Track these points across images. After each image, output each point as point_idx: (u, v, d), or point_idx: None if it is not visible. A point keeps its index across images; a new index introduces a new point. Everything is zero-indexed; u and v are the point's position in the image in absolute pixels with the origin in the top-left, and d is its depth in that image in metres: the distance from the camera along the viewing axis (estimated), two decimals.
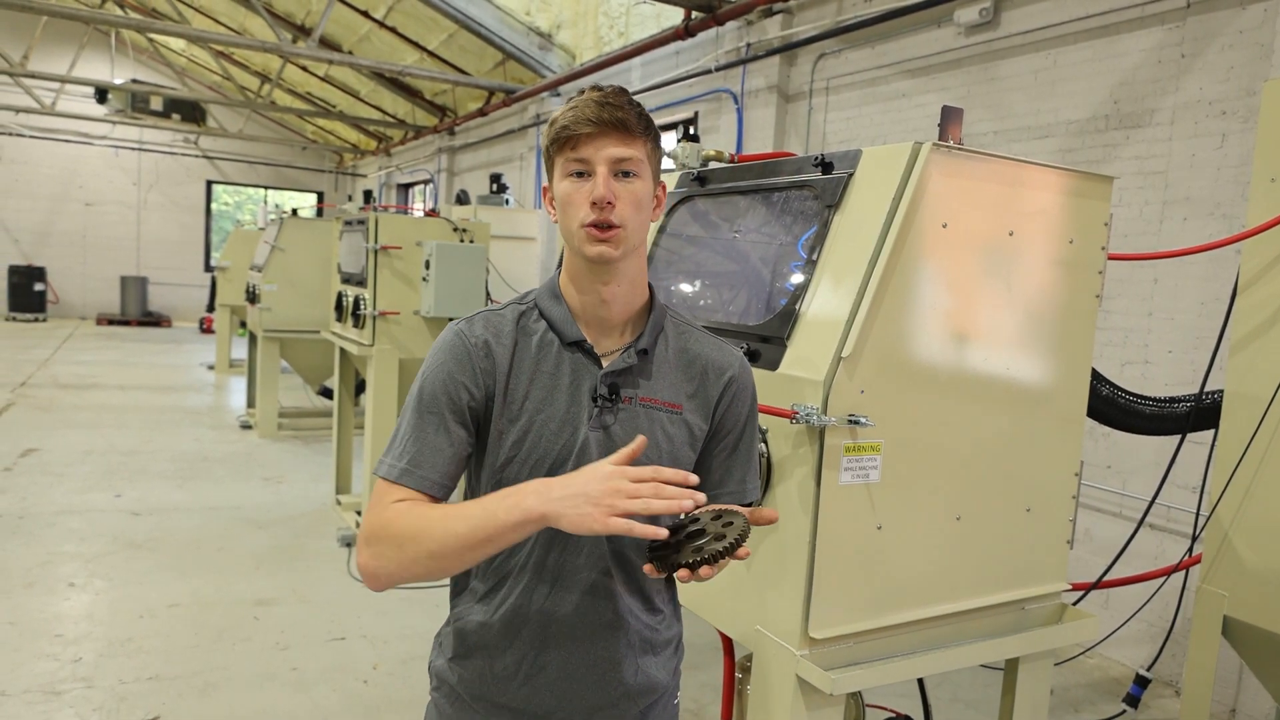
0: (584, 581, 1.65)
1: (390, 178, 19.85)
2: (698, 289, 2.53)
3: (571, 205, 1.57)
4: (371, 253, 6.23)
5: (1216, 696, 4.50)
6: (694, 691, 4.42)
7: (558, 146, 1.58)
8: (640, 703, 1.74)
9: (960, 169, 2.02)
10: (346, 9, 13.32)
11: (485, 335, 1.63)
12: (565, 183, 1.58)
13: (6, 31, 18.02)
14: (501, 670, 1.68)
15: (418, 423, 1.60)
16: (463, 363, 1.61)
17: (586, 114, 1.55)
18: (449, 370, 1.61)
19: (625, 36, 10.43)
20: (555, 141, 1.58)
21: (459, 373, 1.61)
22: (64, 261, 20.67)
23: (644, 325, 1.68)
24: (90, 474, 7.68)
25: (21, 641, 4.54)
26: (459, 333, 1.64)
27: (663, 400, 1.66)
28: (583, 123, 1.54)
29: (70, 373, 12.81)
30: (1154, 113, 5.01)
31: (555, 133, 1.58)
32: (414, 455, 1.58)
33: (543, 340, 1.65)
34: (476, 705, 1.71)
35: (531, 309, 1.68)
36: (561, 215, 1.60)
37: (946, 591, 2.16)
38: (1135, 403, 3.42)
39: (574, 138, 1.55)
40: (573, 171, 1.57)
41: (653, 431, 1.63)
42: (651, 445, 1.62)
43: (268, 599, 5.27)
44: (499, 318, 1.67)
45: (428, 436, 1.59)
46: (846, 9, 7.14)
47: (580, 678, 1.68)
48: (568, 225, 1.59)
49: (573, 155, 1.57)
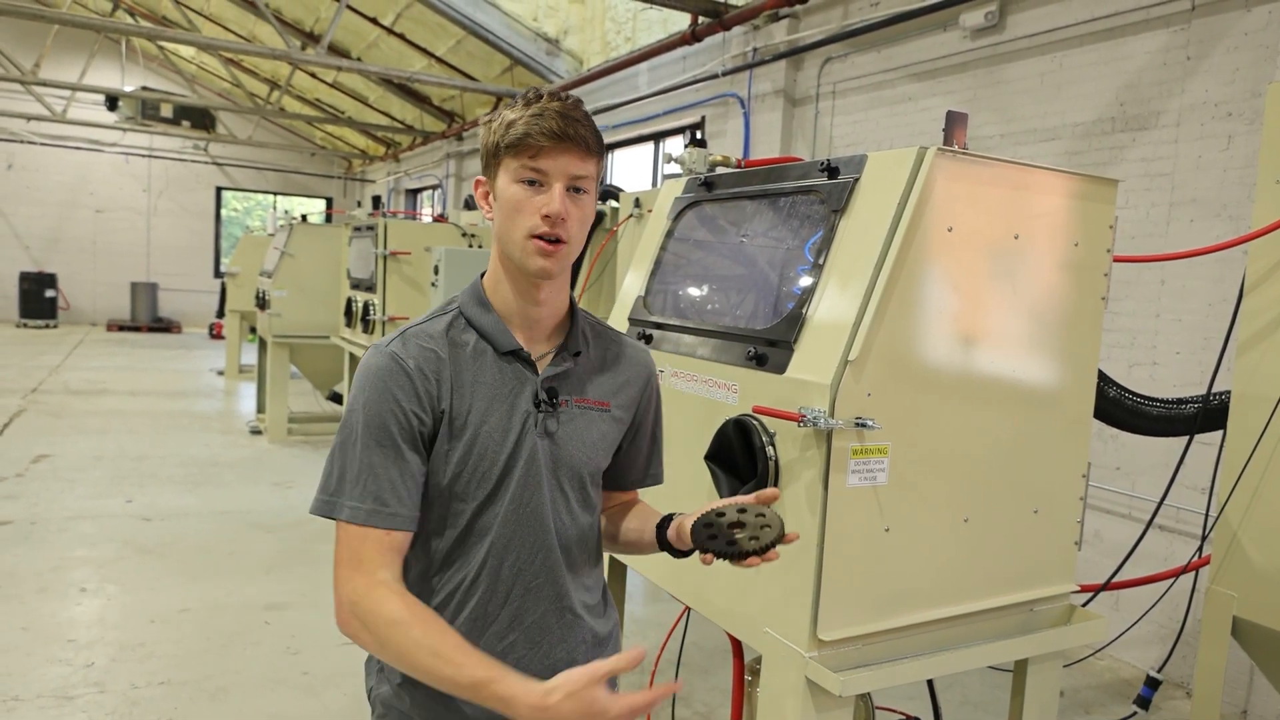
0: (538, 585, 1.67)
1: (399, 183, 19.90)
2: (705, 293, 2.55)
3: (520, 213, 1.56)
4: (380, 258, 6.26)
5: (1227, 698, 4.49)
6: (704, 695, 4.43)
7: (512, 150, 1.55)
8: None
9: (965, 173, 2.03)
10: (355, 16, 13.37)
11: (421, 355, 1.58)
12: (515, 188, 1.56)
13: (18, 40, 18.13)
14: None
15: (368, 456, 1.53)
16: (405, 387, 1.55)
17: (549, 126, 1.53)
18: (393, 396, 1.54)
19: (632, 41, 10.45)
20: (511, 145, 1.55)
21: (405, 399, 1.55)
22: (74, 268, 20.77)
23: (568, 328, 1.71)
24: (101, 479, 7.72)
25: (34, 646, 4.56)
26: (393, 355, 1.57)
27: (594, 400, 1.71)
28: (545, 134, 1.53)
29: (81, 379, 12.87)
30: (1160, 115, 5.01)
31: (513, 137, 1.54)
32: (376, 493, 1.52)
33: (475, 350, 1.62)
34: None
35: (458, 318, 1.65)
36: (505, 219, 1.58)
37: (955, 593, 2.16)
38: (1142, 404, 3.42)
39: (532, 146, 1.54)
40: (525, 179, 1.56)
41: (590, 431, 1.69)
42: (589, 444, 1.69)
43: (278, 603, 5.30)
44: (428, 334, 1.62)
45: (385, 469, 1.53)
46: (853, 13, 7.15)
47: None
48: (511, 231, 1.57)
49: (529, 164, 1.55)
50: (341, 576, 1.51)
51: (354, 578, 1.50)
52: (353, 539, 1.52)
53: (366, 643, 1.50)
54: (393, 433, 1.54)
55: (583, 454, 1.68)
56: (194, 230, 22.09)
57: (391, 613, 1.46)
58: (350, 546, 1.52)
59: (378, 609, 1.47)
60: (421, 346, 1.59)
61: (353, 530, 1.52)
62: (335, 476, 1.55)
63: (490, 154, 1.60)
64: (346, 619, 1.50)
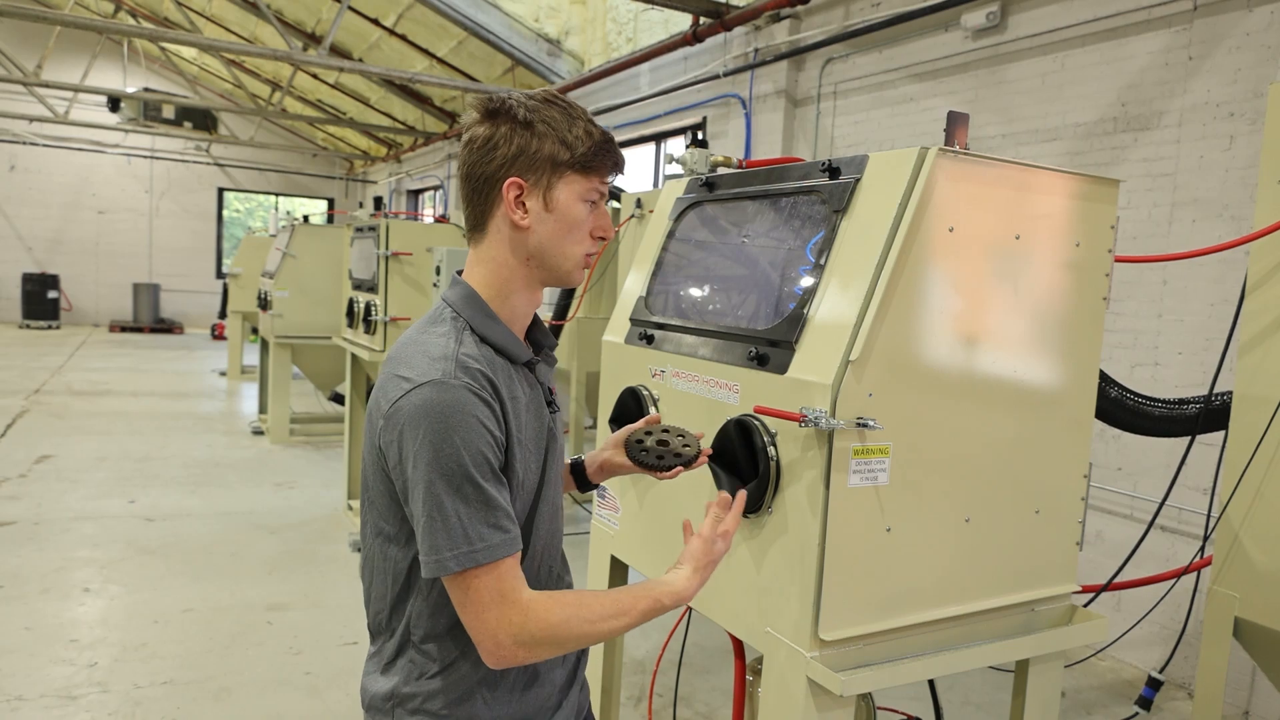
0: (557, 563, 1.79)
1: (400, 184, 19.91)
2: (706, 293, 2.55)
3: (579, 231, 1.59)
4: (382, 259, 6.26)
5: (1229, 699, 4.49)
6: (705, 695, 4.43)
7: (589, 169, 1.57)
8: (582, 660, 1.87)
9: (966, 173, 2.03)
10: (357, 17, 13.38)
11: (484, 382, 1.51)
12: (582, 206, 1.58)
13: (20, 41, 18.16)
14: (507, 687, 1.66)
15: (481, 493, 1.46)
16: (489, 417, 1.49)
17: (619, 159, 1.61)
18: (484, 427, 1.48)
19: (633, 42, 10.45)
20: (588, 165, 1.57)
21: (493, 427, 1.50)
22: (77, 269, 20.80)
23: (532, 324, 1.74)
24: (104, 480, 7.73)
25: (37, 647, 4.57)
26: (468, 387, 1.48)
27: (552, 386, 1.78)
28: (619, 166, 1.61)
29: (83, 380, 12.89)
30: (1162, 115, 5.01)
31: (600, 159, 1.58)
32: (497, 523, 1.48)
33: (498, 366, 1.57)
34: None
35: (472, 335, 1.58)
36: (564, 233, 1.58)
37: (956, 593, 2.16)
38: (1144, 404, 3.43)
39: (612, 172, 1.60)
40: (591, 199, 1.59)
41: (561, 421, 1.77)
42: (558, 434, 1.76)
43: (280, 604, 5.30)
44: (474, 358, 1.53)
45: (498, 499, 1.49)
46: (854, 14, 7.15)
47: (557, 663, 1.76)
48: (568, 247, 1.60)
49: (601, 185, 1.60)
50: (492, 619, 1.46)
51: (508, 614, 1.46)
52: (491, 577, 1.46)
53: (546, 653, 1.51)
54: (493, 464, 1.49)
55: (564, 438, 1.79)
56: (196, 231, 22.12)
57: (556, 618, 1.49)
58: (491, 587, 1.46)
59: (544, 624, 1.48)
60: (481, 372, 1.52)
61: (489, 569, 1.46)
62: (458, 526, 1.45)
63: (548, 161, 1.56)
64: (512, 653, 1.47)
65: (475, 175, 1.60)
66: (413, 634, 1.60)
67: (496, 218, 1.60)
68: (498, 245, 1.61)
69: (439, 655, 1.60)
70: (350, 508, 7.14)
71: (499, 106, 1.57)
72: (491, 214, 1.60)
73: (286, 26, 14.08)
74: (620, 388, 2.59)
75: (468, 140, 1.60)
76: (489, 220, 1.61)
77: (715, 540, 1.68)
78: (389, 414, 1.49)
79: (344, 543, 6.44)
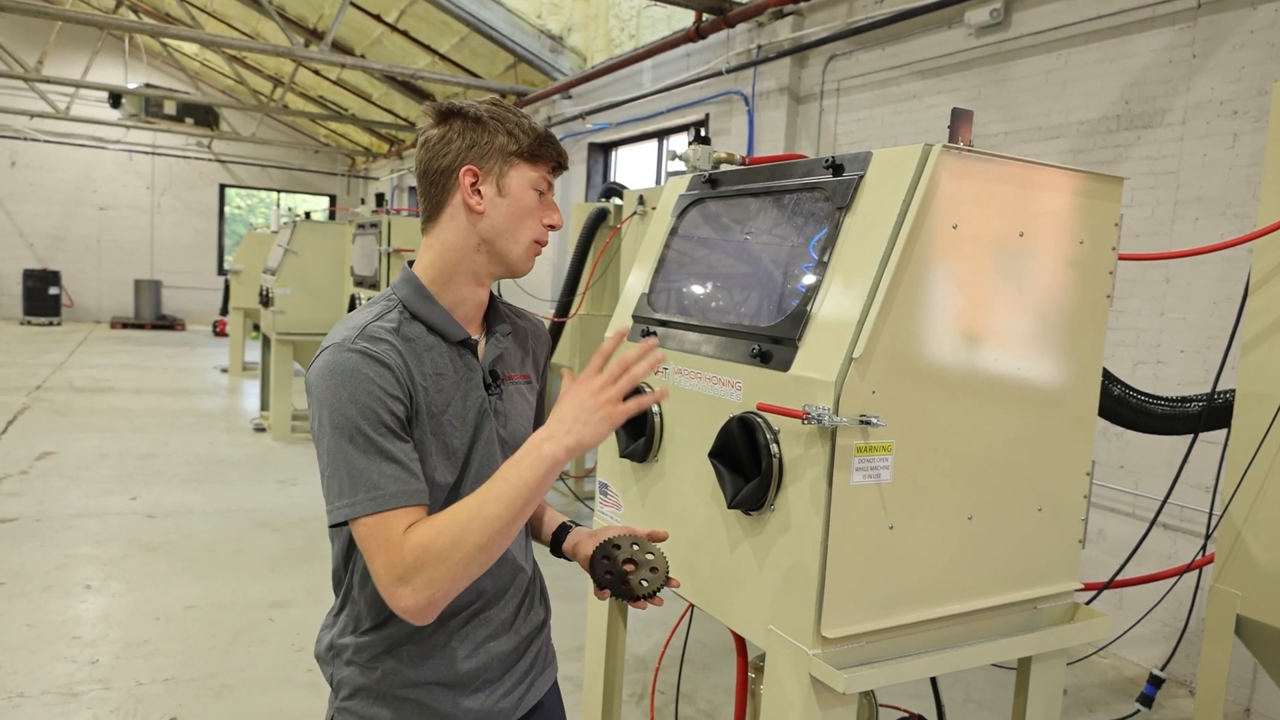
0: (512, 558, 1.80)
1: (402, 180, 19.91)
2: (709, 290, 2.55)
3: (530, 218, 1.69)
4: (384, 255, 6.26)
5: (1231, 696, 4.49)
6: (707, 692, 4.43)
7: (535, 159, 1.68)
8: (537, 642, 1.90)
9: (970, 170, 2.03)
10: (359, 13, 13.38)
11: (388, 350, 1.58)
12: (531, 194, 1.69)
13: (21, 37, 18.16)
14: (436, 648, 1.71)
15: (370, 446, 1.51)
16: (385, 378, 1.55)
17: (563, 153, 1.72)
18: (378, 387, 1.54)
19: (636, 39, 10.44)
20: (535, 155, 1.68)
21: (389, 388, 1.55)
22: (78, 266, 20.81)
23: (489, 310, 1.80)
24: (106, 477, 7.74)
25: (39, 644, 4.58)
26: (364, 352, 1.55)
27: (517, 374, 1.83)
28: (563, 158, 1.71)
29: (85, 376, 12.90)
30: (1165, 113, 5.00)
31: (544, 151, 1.69)
32: (392, 474, 1.51)
33: (424, 342, 1.65)
34: (404, 692, 1.71)
35: (403, 313, 1.67)
36: (513, 221, 1.68)
37: (958, 591, 2.16)
38: (1147, 402, 3.42)
39: (556, 164, 1.70)
40: (539, 188, 1.69)
41: (522, 404, 1.81)
42: (524, 416, 1.81)
43: (283, 601, 5.31)
44: (384, 330, 1.61)
45: (391, 453, 1.52)
46: (857, 10, 7.14)
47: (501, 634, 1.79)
48: (516, 233, 1.68)
49: (548, 176, 1.70)
50: (379, 566, 1.47)
51: (389, 556, 1.46)
52: (379, 525, 1.48)
53: (440, 578, 1.45)
54: (386, 420, 1.53)
55: (521, 426, 1.79)
56: (197, 228, 22.13)
57: (425, 538, 1.46)
58: (378, 534, 1.47)
59: (414, 549, 1.45)
60: (386, 342, 1.59)
61: (378, 520, 1.48)
62: (347, 477, 1.50)
63: (499, 151, 1.66)
64: (398, 594, 1.45)
65: (432, 169, 1.69)
66: (352, 591, 1.72)
67: (451, 205, 1.68)
68: (450, 230, 1.69)
69: (370, 612, 1.69)
70: None
71: (450, 109, 1.69)
72: (446, 203, 1.69)
73: (288, 22, 14.07)
74: None
75: (423, 141, 1.71)
76: (443, 209, 1.70)
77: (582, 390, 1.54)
78: (306, 382, 1.61)
79: None
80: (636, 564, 1.78)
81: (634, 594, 1.74)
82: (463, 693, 1.73)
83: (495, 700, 1.78)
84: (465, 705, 1.73)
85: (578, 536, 1.91)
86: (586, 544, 1.85)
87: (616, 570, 1.78)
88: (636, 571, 1.77)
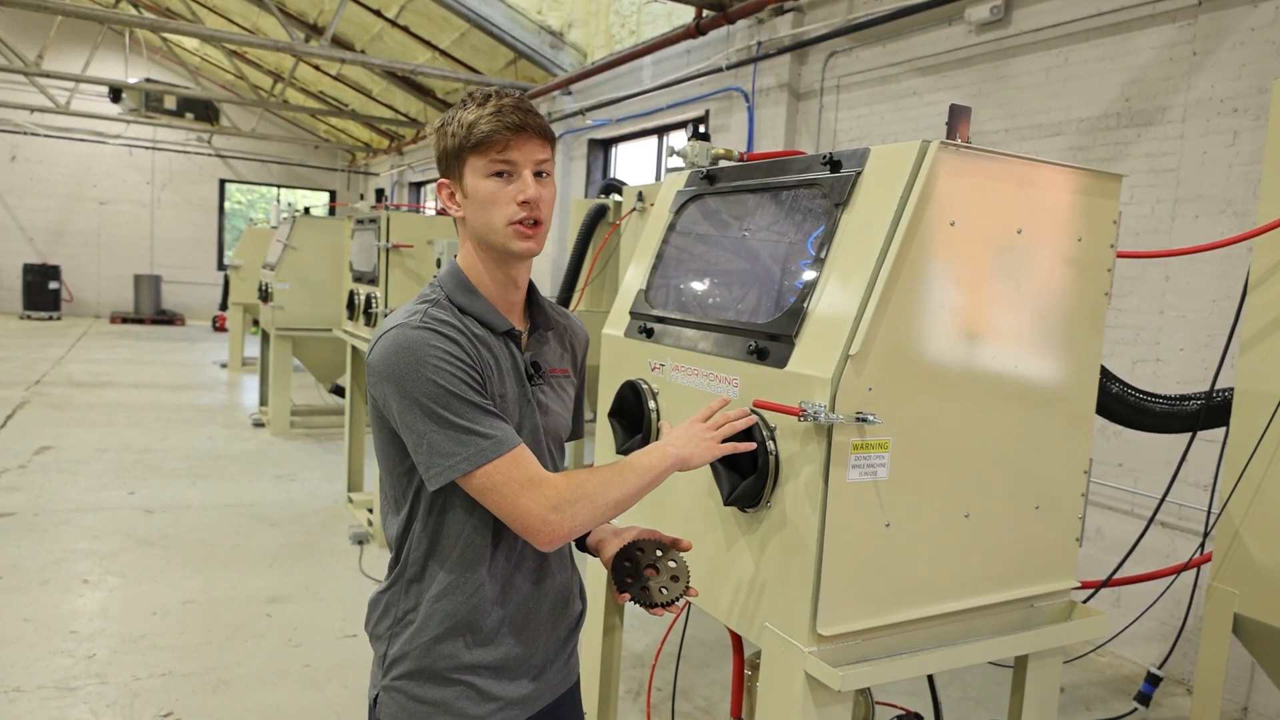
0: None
1: (402, 176, 19.90)
2: (707, 287, 2.54)
3: (496, 204, 1.71)
4: (383, 251, 6.25)
5: (1228, 695, 4.49)
6: (704, 689, 4.43)
7: (478, 148, 1.69)
8: (575, 634, 2.02)
9: (968, 167, 2.02)
10: (359, 8, 13.35)
11: (453, 329, 1.69)
12: (488, 182, 1.71)
13: (21, 31, 18.13)
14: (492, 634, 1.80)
15: (466, 405, 1.62)
16: (457, 350, 1.65)
17: (511, 120, 1.68)
18: (451, 355, 1.64)
19: (636, 35, 10.42)
20: (477, 144, 1.69)
21: (463, 357, 1.65)
22: (78, 260, 20.80)
23: (532, 307, 1.89)
24: (104, 472, 7.74)
25: (36, 638, 4.58)
26: (433, 329, 1.66)
27: (557, 368, 1.91)
28: (509, 128, 1.68)
29: (84, 371, 12.90)
30: (1165, 110, 4.99)
31: (478, 136, 1.68)
32: (497, 424, 1.64)
33: (475, 333, 1.73)
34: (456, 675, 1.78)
35: (449, 307, 1.75)
36: (481, 212, 1.72)
37: (955, 589, 2.16)
38: (1145, 400, 3.42)
39: (499, 141, 1.68)
40: (494, 172, 1.70)
41: (563, 397, 1.90)
42: (563, 409, 1.91)
43: (280, 596, 5.31)
44: (443, 315, 1.72)
45: (488, 408, 1.65)
46: (857, 7, 7.13)
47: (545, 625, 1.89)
48: (490, 221, 1.72)
49: (498, 157, 1.70)
50: (527, 501, 1.61)
51: (537, 490, 1.62)
52: (511, 469, 1.61)
53: (583, 513, 1.63)
54: (470, 383, 1.64)
55: (560, 418, 1.89)
56: (197, 223, 22.12)
57: (576, 479, 1.65)
58: (514, 477, 1.61)
59: (568, 486, 1.64)
60: (451, 324, 1.69)
61: (506, 462, 1.62)
62: (451, 439, 1.61)
63: (452, 156, 1.74)
64: (555, 520, 1.61)
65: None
66: (408, 568, 1.80)
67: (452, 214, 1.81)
68: (460, 235, 1.83)
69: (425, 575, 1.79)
70: (351, 500, 7.14)
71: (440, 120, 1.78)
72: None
73: (288, 17, 14.05)
74: (620, 381, 2.58)
75: None
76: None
77: (695, 424, 1.84)
78: (369, 365, 1.69)
79: (344, 535, 6.44)
80: (658, 570, 1.80)
81: (652, 601, 1.77)
82: (510, 678, 1.82)
83: (538, 687, 1.88)
84: (511, 691, 1.83)
85: (602, 534, 1.96)
86: (611, 543, 1.91)
87: (638, 575, 1.80)
88: (657, 578, 1.79)
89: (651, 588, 1.77)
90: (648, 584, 1.78)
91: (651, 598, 1.76)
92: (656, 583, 1.78)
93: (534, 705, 1.88)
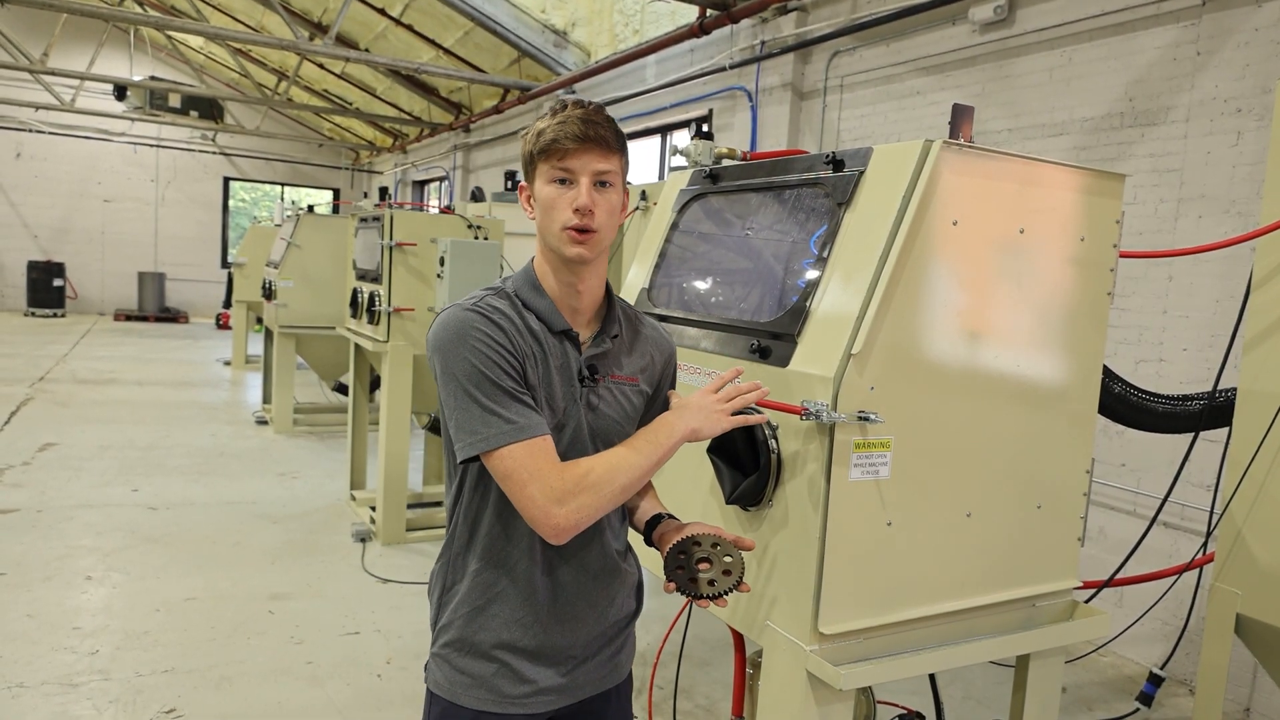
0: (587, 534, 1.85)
1: (406, 175, 19.90)
2: (709, 285, 2.54)
3: (554, 209, 1.77)
4: (387, 249, 6.25)
5: (1230, 695, 4.49)
6: (705, 688, 4.43)
7: (544, 155, 1.77)
8: (625, 632, 2.04)
9: (971, 167, 2.02)
10: (363, 6, 13.36)
11: (502, 317, 1.76)
12: (549, 188, 1.77)
13: (27, 29, 18.15)
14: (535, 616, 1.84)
15: (496, 388, 1.69)
16: (499, 334, 1.72)
17: (573, 130, 1.74)
18: (492, 339, 1.71)
19: (640, 34, 10.42)
20: (542, 151, 1.77)
21: (504, 341, 1.72)
22: (83, 257, 20.83)
23: (605, 313, 1.92)
24: (107, 469, 7.75)
25: (40, 634, 4.59)
26: (480, 313, 1.74)
27: (625, 376, 1.92)
28: (570, 138, 1.74)
29: (88, 368, 12.91)
30: (1169, 110, 4.99)
31: (543, 144, 1.76)
32: (523, 411, 1.69)
33: (531, 327, 1.80)
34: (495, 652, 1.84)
35: (514, 300, 1.83)
36: (543, 216, 1.79)
37: (956, 588, 2.16)
38: (1148, 400, 3.41)
39: (560, 150, 1.74)
40: (556, 179, 1.77)
41: (624, 404, 1.91)
42: (622, 416, 1.91)
43: (282, 593, 5.31)
44: (497, 303, 1.79)
45: (516, 393, 1.70)
46: (861, 6, 7.13)
47: (586, 615, 1.90)
48: (549, 226, 1.78)
49: (558, 165, 1.76)
50: (532, 491, 1.65)
51: (548, 478, 1.65)
52: (526, 457, 1.66)
53: (589, 504, 1.67)
54: (506, 368, 1.70)
55: (616, 424, 1.88)
56: (201, 221, 22.14)
57: (581, 469, 1.68)
58: (527, 465, 1.66)
59: (572, 476, 1.67)
60: (500, 312, 1.77)
61: (524, 448, 1.66)
62: (477, 417, 1.68)
63: (527, 162, 1.82)
64: (553, 514, 1.64)
65: None
66: (456, 536, 1.89)
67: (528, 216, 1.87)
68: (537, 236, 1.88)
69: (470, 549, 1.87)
70: (353, 498, 7.14)
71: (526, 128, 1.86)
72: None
73: (293, 16, 14.06)
74: None
75: None
76: None
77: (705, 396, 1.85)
78: (428, 342, 1.78)
79: (346, 533, 6.45)
80: (711, 563, 1.80)
81: (699, 593, 1.77)
82: (547, 664, 1.86)
83: (575, 678, 1.90)
84: (547, 677, 1.86)
85: (666, 527, 1.95)
86: (671, 536, 1.91)
87: (689, 566, 1.80)
88: (708, 571, 1.79)
89: (700, 579, 1.78)
90: (696, 575, 1.79)
91: (698, 589, 1.78)
92: (706, 575, 1.79)
93: (572, 696, 1.91)
